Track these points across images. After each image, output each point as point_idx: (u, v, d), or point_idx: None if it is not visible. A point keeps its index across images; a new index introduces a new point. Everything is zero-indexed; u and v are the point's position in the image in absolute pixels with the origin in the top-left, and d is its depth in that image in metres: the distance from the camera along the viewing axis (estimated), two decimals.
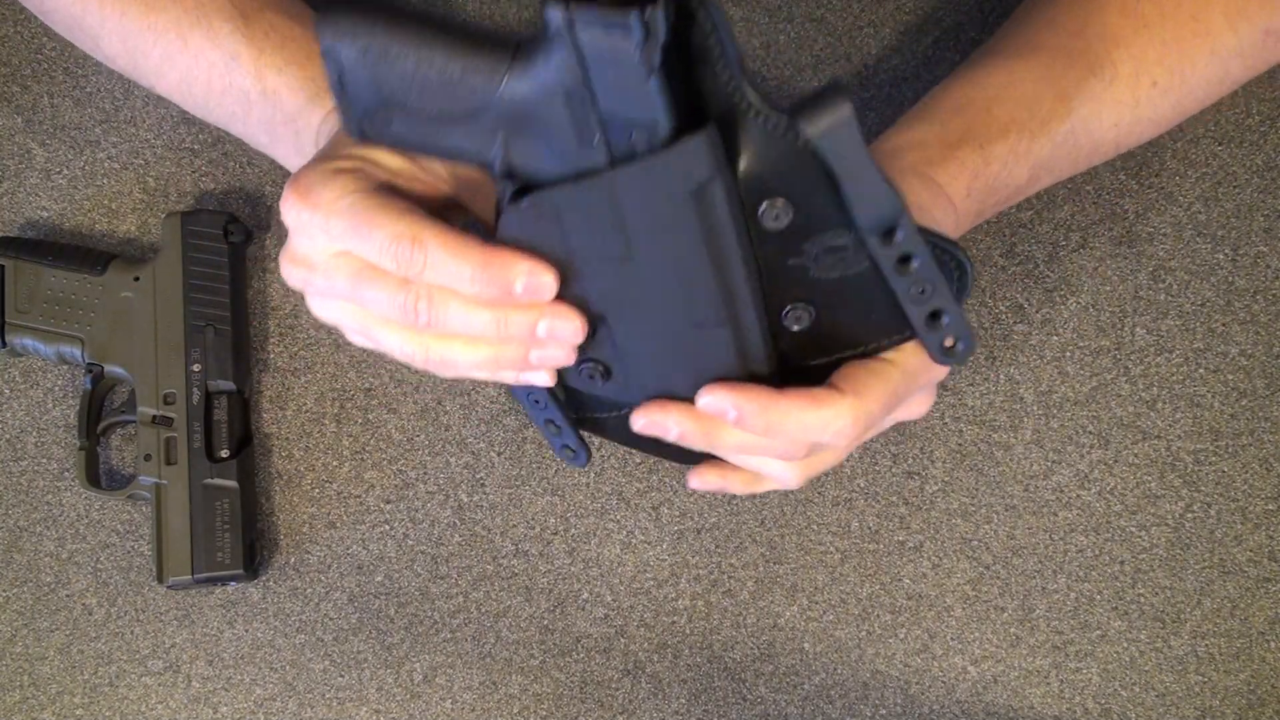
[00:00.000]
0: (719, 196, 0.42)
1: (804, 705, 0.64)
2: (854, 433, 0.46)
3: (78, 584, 0.64)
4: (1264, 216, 0.65)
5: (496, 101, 0.42)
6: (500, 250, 0.43)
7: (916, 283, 0.45)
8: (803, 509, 0.64)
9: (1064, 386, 0.64)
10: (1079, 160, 0.57)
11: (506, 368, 0.47)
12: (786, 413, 0.45)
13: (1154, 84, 0.55)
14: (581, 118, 0.41)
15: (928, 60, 0.66)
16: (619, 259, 0.44)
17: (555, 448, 0.55)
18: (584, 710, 0.64)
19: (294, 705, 0.64)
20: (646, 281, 0.45)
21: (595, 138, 0.41)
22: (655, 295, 0.45)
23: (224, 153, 0.66)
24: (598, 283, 0.45)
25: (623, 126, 0.41)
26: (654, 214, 0.42)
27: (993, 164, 0.53)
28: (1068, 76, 0.54)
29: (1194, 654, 0.64)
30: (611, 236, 0.43)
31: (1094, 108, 0.55)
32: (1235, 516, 0.64)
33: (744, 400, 0.45)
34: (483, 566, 0.64)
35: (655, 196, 0.42)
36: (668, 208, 0.42)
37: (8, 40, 0.67)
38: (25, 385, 0.65)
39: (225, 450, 0.62)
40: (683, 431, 0.47)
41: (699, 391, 0.46)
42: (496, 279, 0.43)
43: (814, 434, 0.46)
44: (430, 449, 0.65)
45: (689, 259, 0.44)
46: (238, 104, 0.56)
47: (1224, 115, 0.65)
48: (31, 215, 0.66)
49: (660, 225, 0.43)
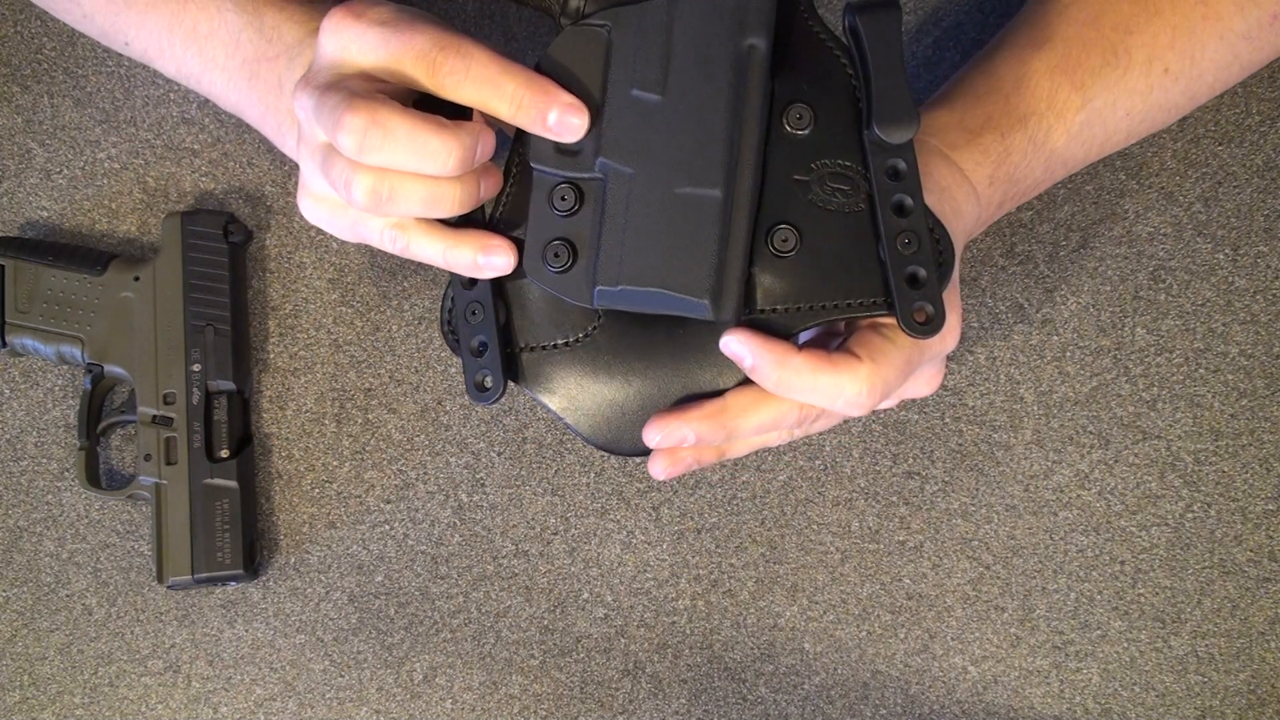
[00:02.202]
0: (758, 62, 0.45)
1: (804, 705, 0.64)
2: (869, 402, 0.46)
3: (78, 584, 0.64)
4: (1264, 216, 0.65)
5: None
6: (543, 78, 0.45)
7: (906, 233, 0.46)
8: (803, 509, 0.64)
9: (1064, 386, 0.64)
10: (1091, 151, 0.57)
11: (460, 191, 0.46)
12: (801, 372, 0.45)
13: (1166, 70, 0.55)
14: None
15: (928, 60, 0.66)
16: (647, 99, 0.46)
17: (468, 378, 0.49)
18: (584, 710, 0.64)
19: (294, 705, 0.64)
20: (665, 125, 0.46)
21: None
22: (666, 143, 0.46)
23: (224, 153, 0.66)
24: (615, 124, 0.46)
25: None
26: (699, 53, 0.45)
27: (1013, 153, 0.54)
28: (1083, 66, 0.54)
29: (1194, 654, 0.64)
30: (652, 66, 0.45)
31: (1109, 97, 0.55)
32: (1235, 516, 0.64)
33: (762, 349, 0.45)
34: (483, 566, 0.64)
35: (708, 34, 0.45)
36: (713, 51, 0.45)
37: (8, 40, 0.67)
38: (25, 385, 0.65)
39: (225, 450, 0.62)
40: (700, 434, 0.47)
41: (724, 336, 0.46)
42: (537, 101, 0.45)
43: (827, 398, 0.46)
44: (430, 449, 0.65)
45: (712, 110, 0.45)
46: (222, 47, 0.56)
47: (1224, 115, 0.65)
48: (31, 215, 0.66)
49: (700, 67, 0.45)
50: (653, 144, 0.46)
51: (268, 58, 0.55)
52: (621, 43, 0.46)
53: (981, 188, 0.53)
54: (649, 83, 0.45)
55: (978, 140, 0.53)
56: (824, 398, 0.46)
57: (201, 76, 0.58)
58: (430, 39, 0.44)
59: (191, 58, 0.57)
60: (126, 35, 0.59)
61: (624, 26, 0.45)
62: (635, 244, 0.46)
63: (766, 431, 0.49)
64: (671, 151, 0.45)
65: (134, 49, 0.59)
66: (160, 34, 0.58)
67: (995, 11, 0.66)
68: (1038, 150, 0.54)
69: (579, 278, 0.47)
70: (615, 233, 0.46)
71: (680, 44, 0.45)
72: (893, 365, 0.46)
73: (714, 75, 0.45)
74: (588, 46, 0.46)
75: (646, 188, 0.46)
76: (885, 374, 0.46)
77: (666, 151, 0.45)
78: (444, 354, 0.65)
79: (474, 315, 0.49)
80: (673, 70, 0.45)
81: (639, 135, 0.46)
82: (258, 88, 0.56)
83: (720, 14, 0.45)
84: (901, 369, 0.46)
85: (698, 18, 0.45)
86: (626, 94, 0.46)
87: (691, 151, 0.45)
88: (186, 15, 0.56)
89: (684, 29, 0.45)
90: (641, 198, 0.46)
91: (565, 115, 0.45)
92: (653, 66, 0.45)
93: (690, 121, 0.45)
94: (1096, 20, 0.55)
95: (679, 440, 0.47)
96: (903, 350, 0.46)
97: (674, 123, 0.45)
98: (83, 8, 0.59)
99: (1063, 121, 0.54)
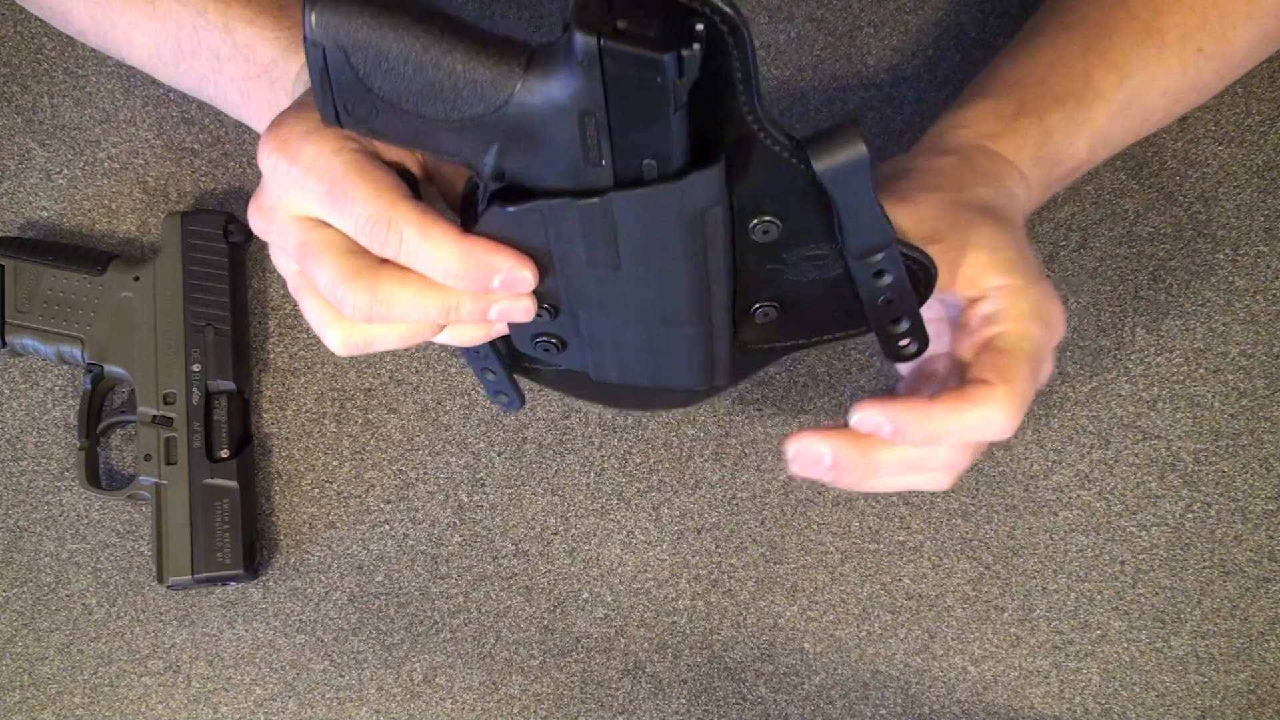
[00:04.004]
0: (716, 219, 0.42)
1: (804, 705, 0.64)
2: (1015, 423, 0.45)
3: (78, 584, 0.64)
4: (1264, 216, 0.65)
5: (500, 113, 0.40)
6: (478, 241, 0.42)
7: (885, 292, 0.45)
8: (803, 509, 0.64)
9: (1064, 386, 0.64)
10: (1131, 131, 0.57)
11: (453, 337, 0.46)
12: (945, 418, 0.44)
13: (1199, 50, 0.55)
14: (592, 139, 0.40)
15: (928, 60, 0.66)
16: (603, 267, 0.44)
17: (489, 393, 0.54)
18: (584, 710, 0.64)
19: (294, 705, 0.64)
20: (627, 286, 0.45)
21: (603, 160, 0.40)
22: (633, 298, 0.45)
23: (224, 153, 0.66)
24: (574, 282, 0.45)
25: (635, 152, 0.40)
26: (649, 233, 0.42)
27: (1053, 133, 0.53)
28: (1117, 47, 0.54)
29: (1194, 654, 0.64)
30: (600, 249, 0.43)
31: (1145, 76, 0.55)
32: (1235, 516, 0.64)
33: (899, 412, 0.44)
34: (483, 566, 0.64)
35: (655, 218, 0.42)
36: (664, 228, 0.42)
37: (8, 40, 0.67)
38: (25, 385, 0.65)
39: (225, 450, 0.62)
40: (839, 458, 0.45)
41: (852, 411, 0.45)
42: (475, 273, 0.42)
43: (977, 433, 0.45)
44: (430, 449, 0.65)
45: (674, 271, 0.44)
46: (208, 64, 0.55)
47: (1224, 115, 0.65)
48: (31, 215, 0.66)
49: (653, 242, 0.43)
50: (619, 299, 0.45)
51: (251, 76, 0.54)
52: (559, 227, 0.43)
53: (1027, 169, 0.52)
54: (600, 261, 0.44)
55: (1014, 125, 0.53)
56: (974, 433, 0.45)
57: (200, 90, 0.58)
58: (361, 210, 0.41)
59: (185, 73, 0.57)
60: (121, 52, 0.59)
61: (558, 213, 0.42)
62: (620, 358, 0.48)
63: (913, 472, 0.47)
64: (640, 304, 0.45)
65: (134, 63, 0.59)
66: (150, 52, 0.57)
67: (995, 12, 0.66)
68: (1079, 130, 0.54)
69: (571, 359, 0.50)
70: (599, 347, 0.48)
71: (626, 229, 0.42)
72: (1024, 377, 0.45)
73: (670, 247, 0.43)
74: (521, 224, 0.43)
75: (621, 325, 0.47)
76: (1021, 389, 0.44)
77: (635, 304, 0.45)
78: (444, 354, 0.65)
79: (476, 354, 0.51)
80: (623, 248, 0.43)
81: (601, 293, 0.45)
82: (252, 105, 0.56)
83: (664, 202, 0.41)
84: (1031, 376, 0.45)
85: (640, 207, 0.42)
86: (577, 264, 0.44)
87: (661, 303, 0.45)
88: (168, 34, 0.55)
89: (627, 217, 0.42)
90: (617, 331, 0.47)
91: (510, 276, 0.43)
92: (600, 250, 0.43)
93: (654, 284, 0.44)
94: (1125, 2, 0.55)
95: (816, 458, 0.45)
96: (1027, 358, 0.45)
97: (636, 285, 0.44)
98: (74, 26, 0.59)
99: (1102, 100, 0.54)
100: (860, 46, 0.66)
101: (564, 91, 0.39)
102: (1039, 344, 0.46)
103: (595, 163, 0.40)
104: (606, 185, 0.41)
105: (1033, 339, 0.45)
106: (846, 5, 0.66)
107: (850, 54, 0.66)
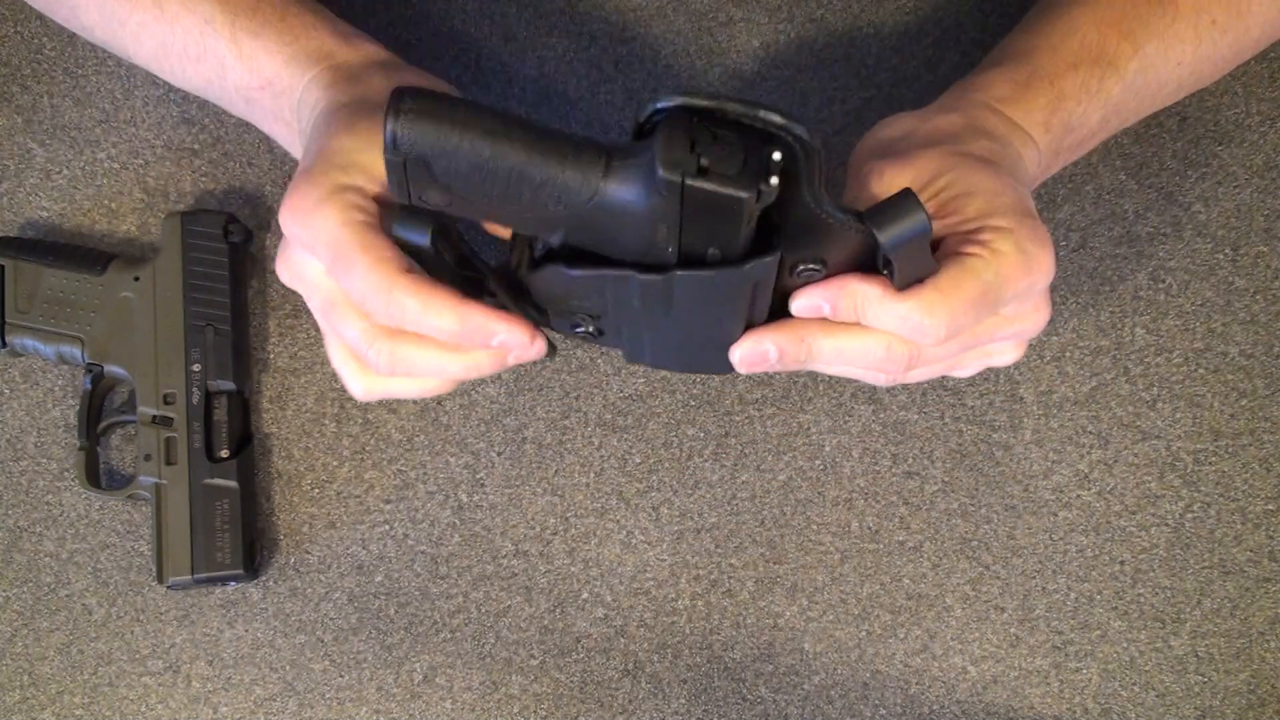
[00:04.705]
0: (768, 281, 0.45)
1: (804, 705, 0.64)
2: (937, 332, 0.45)
3: (78, 584, 0.64)
4: (1264, 216, 0.65)
5: (574, 214, 0.41)
6: (475, 308, 0.45)
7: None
8: (803, 509, 0.64)
9: (1064, 386, 0.64)
10: (1145, 102, 0.57)
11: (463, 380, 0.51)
12: (871, 303, 0.45)
13: (1213, 22, 0.56)
14: (662, 237, 0.41)
15: (928, 60, 0.66)
16: (655, 315, 0.46)
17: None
18: (584, 710, 0.64)
19: (294, 705, 0.64)
20: (675, 325, 0.47)
21: (670, 249, 0.42)
22: (679, 331, 0.47)
23: (224, 153, 0.66)
24: (623, 319, 0.47)
25: (701, 244, 0.41)
26: (705, 298, 0.44)
27: (1066, 99, 0.54)
28: (1131, 16, 0.55)
29: (1194, 654, 0.64)
30: (655, 307, 0.45)
31: (1159, 45, 0.55)
32: (1235, 516, 0.64)
33: (834, 293, 0.46)
34: (483, 566, 0.64)
35: (712, 291, 0.44)
36: (719, 297, 0.44)
37: (8, 40, 0.67)
38: (25, 385, 0.65)
39: (225, 450, 0.62)
40: (781, 349, 0.48)
41: (793, 299, 0.47)
42: (474, 336, 0.46)
43: (897, 326, 0.45)
44: (430, 449, 0.65)
45: (724, 319, 0.46)
46: (213, 70, 0.56)
47: (1224, 115, 0.65)
48: (31, 215, 0.66)
49: (707, 304, 0.45)
50: (666, 331, 0.48)
51: (255, 86, 0.55)
52: (618, 289, 0.45)
53: (1038, 134, 0.53)
54: (653, 313, 0.46)
55: (1026, 91, 0.53)
56: (895, 326, 0.46)
57: (205, 92, 0.58)
58: (365, 286, 0.45)
59: (191, 76, 0.57)
60: (127, 50, 0.59)
61: (619, 283, 0.44)
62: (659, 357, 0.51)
63: (849, 364, 0.49)
64: (686, 335, 0.48)
65: (139, 62, 0.59)
66: (156, 53, 0.57)
67: (995, 12, 0.66)
68: (1092, 98, 0.54)
69: (608, 340, 0.51)
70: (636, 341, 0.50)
71: (682, 300, 0.44)
72: (964, 295, 0.45)
73: (721, 305, 0.45)
74: (583, 282, 0.45)
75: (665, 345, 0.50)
76: (954, 304, 0.45)
77: (682, 335, 0.48)
78: None
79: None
80: (677, 305, 0.45)
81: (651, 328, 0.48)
82: (256, 112, 0.57)
83: (724, 285, 0.43)
84: (975, 301, 0.45)
85: (700, 288, 0.43)
86: (633, 313, 0.46)
87: (706, 338, 0.48)
88: (175, 38, 0.56)
89: (685, 293, 0.44)
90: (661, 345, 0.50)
91: (509, 337, 0.46)
92: (656, 307, 0.45)
93: (700, 324, 0.46)
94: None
95: (760, 355, 0.48)
96: (978, 281, 0.45)
97: (684, 324, 0.46)
98: (81, 21, 0.59)
99: (1116, 68, 0.54)
100: (860, 46, 0.66)
101: (641, 204, 0.40)
102: (1004, 277, 0.45)
103: (661, 249, 0.42)
104: (669, 264, 0.42)
105: (998, 270, 0.45)
106: (846, 5, 0.66)
107: (850, 54, 0.66)
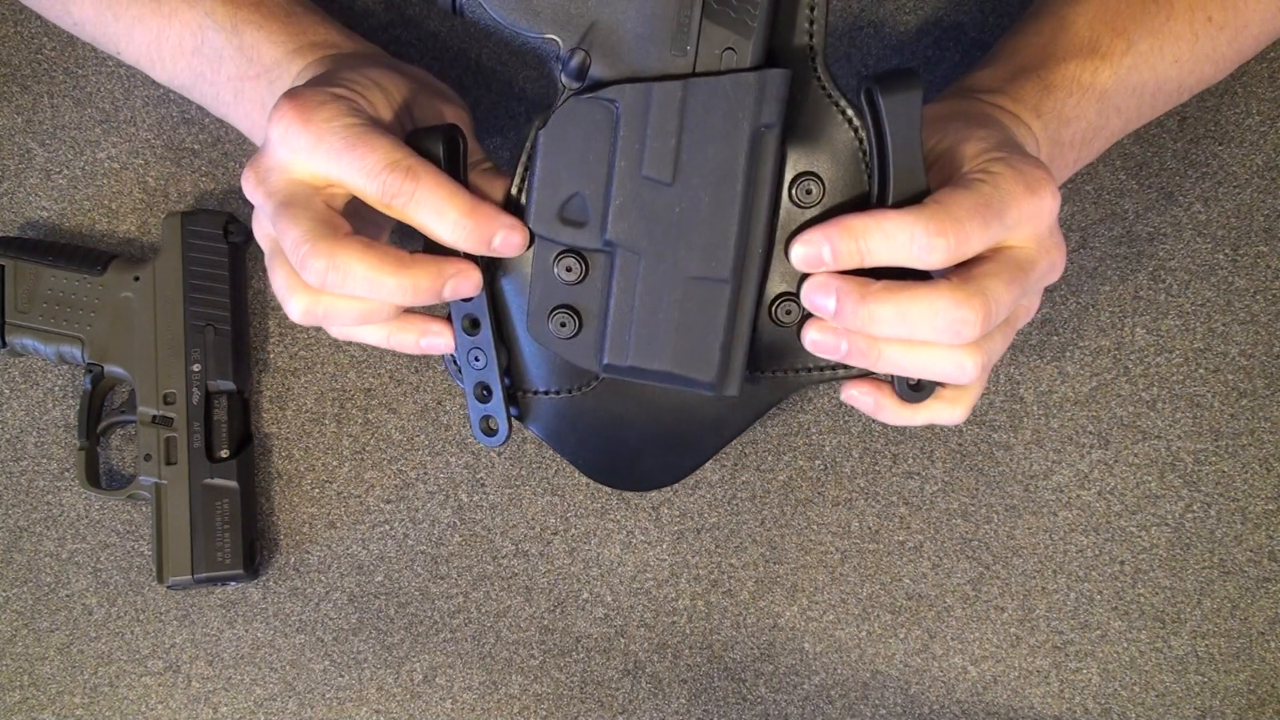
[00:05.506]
0: (771, 147, 0.45)
1: (804, 705, 0.64)
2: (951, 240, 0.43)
3: (78, 584, 0.64)
4: (1264, 216, 0.65)
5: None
6: (485, 203, 0.46)
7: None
8: (803, 509, 0.64)
9: (1064, 386, 0.64)
10: (1144, 101, 0.57)
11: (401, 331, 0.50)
12: (865, 226, 0.44)
13: (1210, 19, 0.56)
14: (684, 22, 0.43)
15: (928, 60, 0.66)
16: (658, 180, 0.45)
17: (473, 419, 0.52)
18: (584, 710, 0.64)
19: (294, 705, 0.64)
20: (675, 210, 0.45)
21: (689, 44, 0.43)
22: (677, 228, 0.46)
23: (224, 153, 0.66)
24: (622, 202, 0.46)
25: (719, 42, 0.43)
26: (711, 139, 0.44)
27: (1055, 90, 0.54)
28: (1123, 14, 0.55)
29: (1194, 654, 0.64)
30: (663, 151, 0.45)
31: (1154, 42, 0.55)
32: (1235, 516, 0.64)
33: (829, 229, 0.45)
34: (483, 566, 0.64)
35: (721, 118, 0.44)
36: (726, 136, 0.44)
37: (8, 40, 0.67)
38: (25, 385, 0.65)
39: (225, 450, 0.62)
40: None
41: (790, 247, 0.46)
42: (478, 229, 0.45)
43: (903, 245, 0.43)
44: (430, 449, 0.65)
45: (724, 199, 0.45)
46: (207, 62, 0.56)
47: (1224, 115, 0.65)
48: (31, 215, 0.66)
49: (714, 153, 0.45)
50: (663, 227, 0.46)
51: (249, 76, 0.55)
52: (631, 120, 0.44)
53: (1028, 117, 0.53)
54: (660, 166, 0.45)
55: (1012, 82, 0.54)
56: (898, 245, 0.44)
57: (191, 88, 0.59)
58: (380, 158, 0.45)
59: (181, 71, 0.58)
60: (117, 45, 0.59)
61: (634, 103, 0.44)
62: (644, 324, 0.47)
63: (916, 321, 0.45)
64: (682, 236, 0.46)
65: (126, 58, 0.60)
66: (149, 47, 0.58)
67: (995, 11, 0.66)
68: (1084, 91, 0.54)
69: (586, 344, 0.48)
70: (624, 311, 0.47)
71: (693, 127, 0.44)
72: (962, 204, 0.43)
73: (728, 162, 0.44)
74: (593, 119, 0.45)
75: (656, 269, 0.46)
76: (953, 211, 0.43)
77: (677, 236, 0.46)
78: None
79: (476, 361, 0.51)
80: (684, 154, 0.45)
81: (648, 216, 0.45)
82: (243, 105, 0.57)
83: (738, 97, 0.44)
84: (976, 209, 0.43)
85: (715, 99, 0.44)
86: (635, 173, 0.45)
87: (703, 239, 0.45)
88: (171, 31, 0.56)
89: (698, 112, 0.44)
90: (650, 279, 0.46)
91: (508, 238, 0.46)
92: (664, 150, 0.45)
93: (702, 208, 0.45)
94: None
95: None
96: (977, 193, 0.44)
97: (685, 208, 0.45)
98: (73, 16, 0.59)
99: (1108, 63, 0.54)
100: (860, 46, 0.66)
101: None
102: (1005, 191, 0.44)
103: (680, 48, 0.43)
104: (687, 71, 0.44)
105: (996, 185, 0.44)
106: (846, 5, 0.66)
107: (850, 54, 0.66)
